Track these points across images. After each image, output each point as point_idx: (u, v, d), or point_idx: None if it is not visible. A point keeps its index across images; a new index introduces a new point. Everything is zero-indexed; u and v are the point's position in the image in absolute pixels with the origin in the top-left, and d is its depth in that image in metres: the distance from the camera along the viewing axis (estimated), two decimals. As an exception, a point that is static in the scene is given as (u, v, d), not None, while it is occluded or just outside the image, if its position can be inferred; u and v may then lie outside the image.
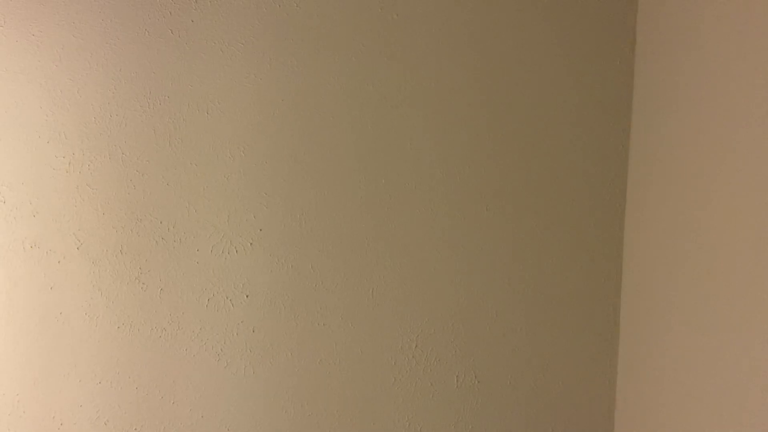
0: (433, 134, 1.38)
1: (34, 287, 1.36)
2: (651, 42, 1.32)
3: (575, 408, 1.39)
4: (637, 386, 1.32)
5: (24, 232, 1.36)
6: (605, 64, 1.37)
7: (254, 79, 1.37)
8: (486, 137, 1.38)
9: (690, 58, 1.16)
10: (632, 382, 1.34)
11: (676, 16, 1.23)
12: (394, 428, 1.38)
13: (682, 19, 1.20)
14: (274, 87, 1.38)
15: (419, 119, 1.38)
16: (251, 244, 1.38)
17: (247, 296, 1.38)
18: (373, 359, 1.38)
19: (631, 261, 1.37)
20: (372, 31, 1.38)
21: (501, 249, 1.38)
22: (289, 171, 1.38)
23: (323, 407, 1.38)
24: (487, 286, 1.38)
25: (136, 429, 1.37)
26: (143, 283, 1.37)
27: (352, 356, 1.38)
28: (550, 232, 1.38)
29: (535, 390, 1.38)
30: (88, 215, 1.36)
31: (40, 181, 1.36)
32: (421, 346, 1.38)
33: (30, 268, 1.36)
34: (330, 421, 1.38)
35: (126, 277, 1.37)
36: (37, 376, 1.36)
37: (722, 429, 1.01)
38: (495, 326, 1.38)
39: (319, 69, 1.38)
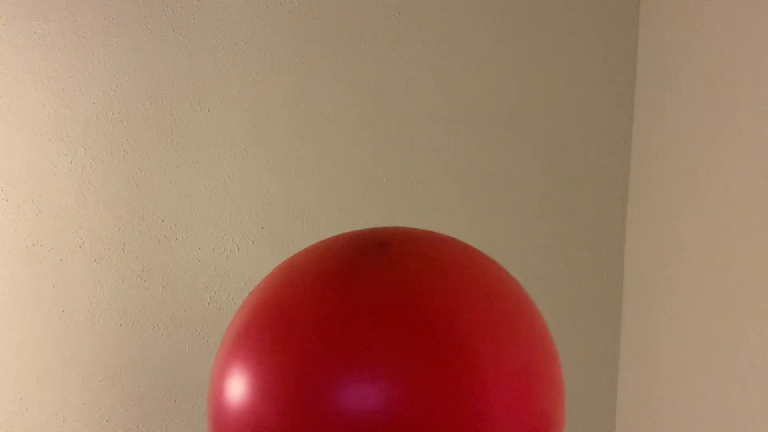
0: (434, 132, 1.38)
1: (36, 285, 1.36)
2: (654, 38, 1.32)
3: (576, 408, 1.39)
4: (638, 386, 1.33)
5: (26, 230, 1.36)
6: (607, 62, 1.37)
7: (256, 77, 1.37)
8: (487, 136, 1.38)
9: (693, 54, 1.16)
10: (634, 382, 1.35)
11: (679, 10, 1.22)
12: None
13: (686, 14, 1.20)
14: (276, 85, 1.37)
15: (420, 117, 1.38)
16: (253, 242, 1.38)
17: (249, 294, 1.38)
18: (375, 357, 1.38)
19: (633, 260, 1.37)
20: (373, 30, 1.38)
21: (502, 248, 1.38)
22: (290, 169, 1.38)
23: (325, 405, 1.38)
24: (489, 284, 1.38)
25: (138, 426, 1.38)
26: (145, 281, 1.37)
27: (353, 354, 1.38)
28: (551, 230, 1.39)
29: (536, 388, 1.38)
30: (90, 213, 1.37)
31: (42, 180, 1.36)
32: (422, 344, 1.38)
33: (32, 266, 1.36)
34: (332, 418, 1.38)
35: (128, 275, 1.37)
36: (39, 374, 1.36)
37: (723, 429, 1.02)
38: (496, 324, 1.38)
39: (321, 67, 1.38)
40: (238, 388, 0.37)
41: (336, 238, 0.43)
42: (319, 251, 0.42)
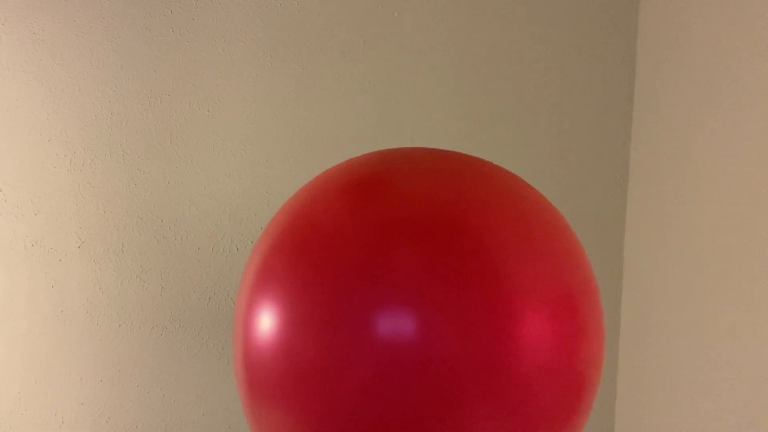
0: (434, 132, 1.38)
1: (35, 285, 1.36)
2: (653, 36, 1.32)
3: (576, 406, 1.39)
4: (638, 386, 1.33)
5: (25, 230, 1.36)
6: (607, 62, 1.37)
7: (255, 78, 1.37)
8: (487, 136, 1.38)
9: (692, 54, 1.16)
10: (633, 382, 1.35)
11: (678, 10, 1.23)
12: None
13: (685, 13, 1.20)
14: (275, 85, 1.38)
15: (420, 116, 1.38)
16: (253, 242, 1.38)
17: (248, 294, 1.38)
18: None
19: (632, 259, 1.37)
20: (373, 29, 1.38)
21: (502, 247, 1.38)
22: (289, 169, 1.38)
23: (324, 405, 1.38)
24: (489, 284, 1.38)
25: (137, 427, 1.38)
26: (144, 282, 1.37)
27: (353, 354, 1.37)
28: (551, 230, 1.38)
29: (536, 388, 1.38)
30: (89, 214, 1.36)
31: (41, 180, 1.36)
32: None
33: (31, 266, 1.36)
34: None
35: (127, 275, 1.37)
36: (38, 375, 1.36)
37: (723, 428, 1.02)
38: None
39: (320, 67, 1.38)
40: (269, 321, 0.33)
41: (367, 155, 0.38)
42: (346, 165, 0.37)
